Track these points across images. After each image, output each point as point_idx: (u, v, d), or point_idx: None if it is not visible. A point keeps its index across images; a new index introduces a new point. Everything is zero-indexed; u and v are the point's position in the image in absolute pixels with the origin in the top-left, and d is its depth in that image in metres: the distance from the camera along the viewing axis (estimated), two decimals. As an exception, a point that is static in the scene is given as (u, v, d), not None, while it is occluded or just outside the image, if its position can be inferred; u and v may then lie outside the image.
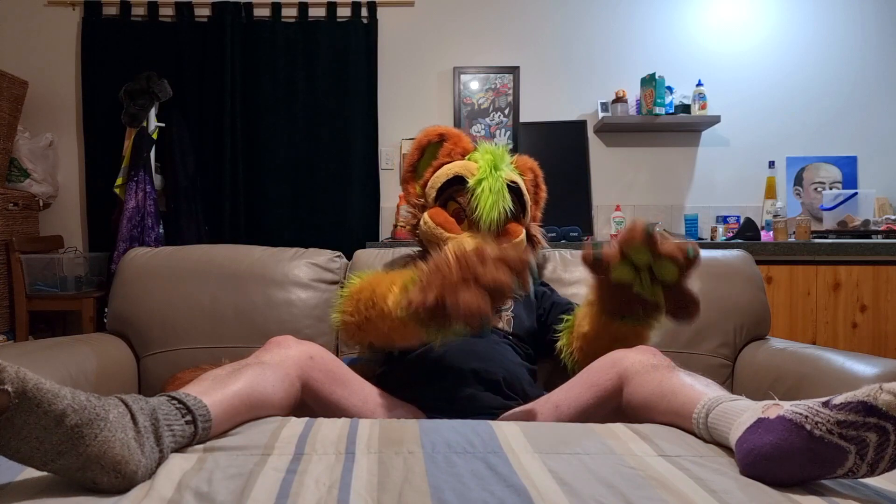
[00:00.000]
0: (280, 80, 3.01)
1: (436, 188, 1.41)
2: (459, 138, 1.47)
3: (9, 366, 0.67)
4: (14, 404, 0.66)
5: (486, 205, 1.33)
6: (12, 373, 0.66)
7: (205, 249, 1.69)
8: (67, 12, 3.06)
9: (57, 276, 2.73)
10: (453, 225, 1.38)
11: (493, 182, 1.35)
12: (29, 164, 2.90)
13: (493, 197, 1.34)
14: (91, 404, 0.71)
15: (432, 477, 0.76)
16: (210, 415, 0.86)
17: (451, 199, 1.40)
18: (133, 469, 0.71)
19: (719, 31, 3.12)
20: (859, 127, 3.10)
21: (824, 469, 0.73)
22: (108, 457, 0.69)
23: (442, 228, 1.37)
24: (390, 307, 1.07)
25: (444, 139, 1.46)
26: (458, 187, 1.38)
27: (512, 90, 3.08)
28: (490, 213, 1.33)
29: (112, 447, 0.70)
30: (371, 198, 3.06)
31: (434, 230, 1.38)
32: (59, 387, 0.70)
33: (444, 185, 1.40)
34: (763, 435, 0.76)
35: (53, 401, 0.68)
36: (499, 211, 1.34)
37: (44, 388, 0.68)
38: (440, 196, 1.41)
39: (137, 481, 0.72)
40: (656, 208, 3.12)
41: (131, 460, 0.71)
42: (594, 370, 1.16)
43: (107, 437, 0.70)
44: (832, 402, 0.73)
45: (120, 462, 0.70)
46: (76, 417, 0.69)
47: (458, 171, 1.39)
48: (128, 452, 0.71)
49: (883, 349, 2.36)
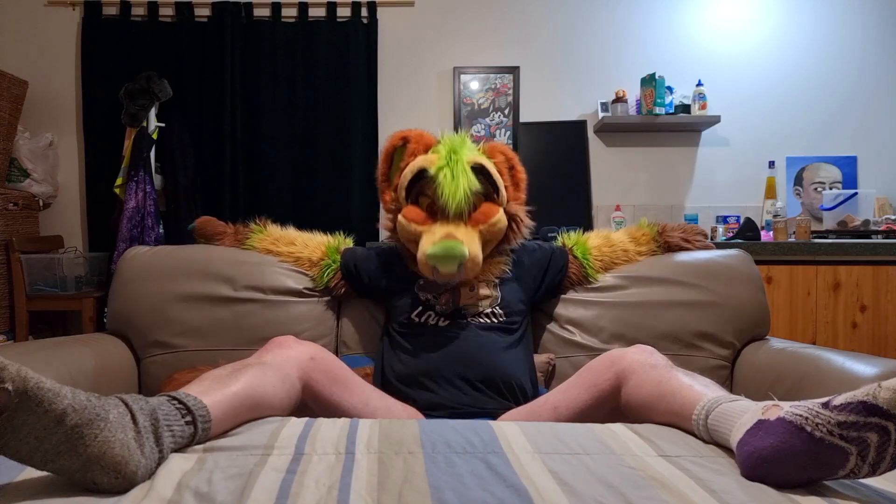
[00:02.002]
0: (280, 80, 3.01)
1: (404, 187, 1.42)
2: (420, 136, 1.48)
3: (10, 364, 0.67)
4: (14, 403, 0.66)
5: (450, 190, 1.34)
6: (13, 371, 0.66)
7: (205, 250, 1.69)
8: (67, 12, 3.06)
9: (57, 276, 2.73)
10: (424, 218, 1.39)
11: (454, 166, 1.35)
12: (29, 164, 2.90)
13: (456, 181, 1.34)
14: (91, 404, 0.71)
15: (432, 477, 0.76)
16: (210, 415, 0.86)
17: (421, 194, 1.41)
18: (133, 469, 0.71)
19: (719, 31, 3.12)
20: (859, 127, 3.10)
21: (825, 470, 0.73)
22: (108, 457, 0.69)
23: (415, 224, 1.38)
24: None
25: (407, 141, 1.48)
26: (424, 181, 1.39)
27: (512, 90, 3.08)
28: (456, 196, 1.34)
29: (112, 447, 0.70)
30: (371, 198, 3.05)
31: (408, 227, 1.39)
32: (59, 386, 0.70)
33: (410, 181, 1.41)
34: (763, 437, 0.76)
35: (54, 400, 0.68)
36: (465, 192, 1.34)
37: (44, 387, 0.68)
38: (410, 194, 1.42)
39: (137, 482, 0.71)
40: (656, 208, 3.11)
41: (131, 461, 0.71)
42: (592, 370, 1.16)
43: (107, 437, 0.70)
44: (832, 403, 0.73)
45: (120, 462, 0.70)
46: (76, 417, 0.69)
47: (420, 164, 1.41)
48: (128, 453, 0.71)
49: (883, 349, 2.36)
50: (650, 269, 1.63)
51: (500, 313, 1.40)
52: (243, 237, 1.71)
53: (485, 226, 1.38)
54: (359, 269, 1.57)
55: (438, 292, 1.42)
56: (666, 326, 1.55)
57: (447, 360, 1.31)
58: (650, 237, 1.67)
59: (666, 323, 1.56)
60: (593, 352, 1.53)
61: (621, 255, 1.64)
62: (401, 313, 1.42)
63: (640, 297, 1.59)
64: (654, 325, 1.56)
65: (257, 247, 1.68)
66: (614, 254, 1.63)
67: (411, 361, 1.33)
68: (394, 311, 1.45)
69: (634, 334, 1.55)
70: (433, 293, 1.42)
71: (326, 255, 1.62)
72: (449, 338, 1.34)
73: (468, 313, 1.39)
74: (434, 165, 1.37)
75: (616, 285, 1.62)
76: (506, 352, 1.35)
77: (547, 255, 1.58)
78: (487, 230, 1.38)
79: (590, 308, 1.60)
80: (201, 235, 1.74)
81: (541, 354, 1.55)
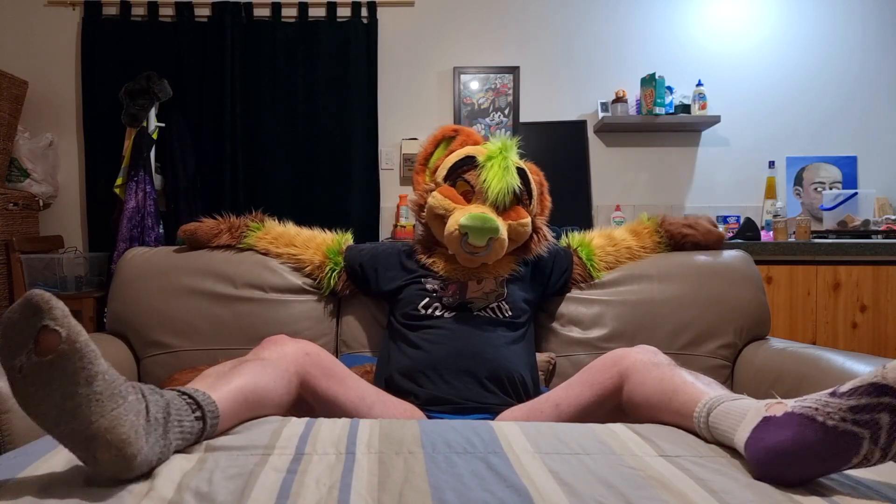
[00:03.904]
0: (280, 80, 3.01)
1: (447, 168, 1.47)
2: (471, 133, 1.55)
3: (70, 317, 0.70)
4: (62, 350, 0.68)
5: (494, 177, 1.39)
6: (72, 323, 0.69)
7: (204, 250, 1.69)
8: (67, 12, 3.06)
9: (57, 276, 2.73)
10: (459, 199, 1.43)
11: (502, 160, 1.41)
12: (29, 164, 2.90)
13: (502, 172, 1.39)
14: (119, 381, 0.73)
15: (433, 477, 0.76)
16: (218, 410, 0.87)
17: (460, 178, 1.44)
18: (133, 453, 0.71)
19: (719, 31, 3.12)
20: (859, 127, 3.10)
21: (839, 460, 0.73)
22: (115, 432, 0.70)
23: (449, 200, 1.42)
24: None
25: (458, 133, 1.55)
26: (468, 167, 1.44)
27: (512, 90, 3.08)
28: (499, 184, 1.38)
29: (122, 425, 0.71)
30: (371, 198, 3.06)
31: (442, 202, 1.42)
32: (100, 355, 0.72)
33: (455, 164, 1.45)
34: (776, 432, 0.76)
35: (94, 361, 0.70)
36: (507, 184, 1.39)
37: (91, 346, 0.70)
38: (450, 176, 1.46)
39: (134, 467, 0.72)
40: (656, 208, 3.11)
41: (135, 444, 0.71)
42: (595, 369, 1.16)
43: (120, 413, 0.71)
44: (839, 390, 0.73)
45: (125, 441, 0.70)
46: (104, 385, 0.71)
47: (470, 151, 1.47)
48: (134, 436, 0.71)
49: (883, 349, 2.36)
50: (651, 269, 1.63)
51: (506, 308, 1.41)
52: (240, 233, 1.68)
53: (515, 223, 1.42)
54: (364, 268, 1.57)
55: (446, 283, 1.43)
56: (666, 325, 1.56)
57: (452, 352, 1.31)
58: (651, 229, 1.68)
59: (666, 322, 1.56)
60: (593, 350, 1.53)
61: (625, 254, 1.65)
62: (407, 305, 1.43)
63: (641, 296, 1.59)
64: (655, 324, 1.56)
65: (255, 245, 1.67)
66: (618, 252, 1.65)
67: (416, 354, 1.34)
68: (399, 305, 1.46)
69: (635, 333, 1.55)
70: (441, 284, 1.43)
71: (328, 258, 1.61)
72: (454, 330, 1.35)
73: (474, 307, 1.40)
74: (484, 155, 1.43)
75: (617, 284, 1.62)
76: (509, 347, 1.35)
77: (552, 257, 1.58)
78: (515, 228, 1.42)
79: (590, 307, 1.60)
80: (193, 247, 1.68)
81: (541, 353, 1.55)
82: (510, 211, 1.42)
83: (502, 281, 1.45)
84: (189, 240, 1.68)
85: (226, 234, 1.68)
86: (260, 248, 1.67)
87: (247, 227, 1.69)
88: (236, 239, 1.68)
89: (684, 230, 1.67)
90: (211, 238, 1.67)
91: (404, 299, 1.45)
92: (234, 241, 1.68)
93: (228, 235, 1.68)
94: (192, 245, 1.69)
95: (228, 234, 1.68)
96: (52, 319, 0.68)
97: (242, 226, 1.69)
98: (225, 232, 1.68)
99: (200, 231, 1.67)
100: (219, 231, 1.68)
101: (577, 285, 1.63)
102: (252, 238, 1.67)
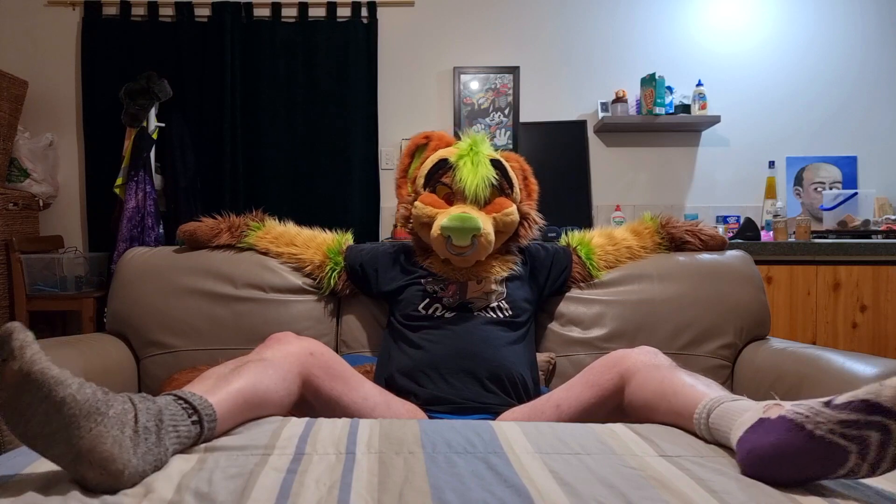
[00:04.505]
0: (280, 80, 3.01)
1: (423, 176, 1.47)
2: (442, 136, 1.55)
3: (27, 345, 0.70)
4: (19, 382, 0.69)
5: (468, 174, 1.39)
6: (27, 355, 0.69)
7: (204, 250, 1.69)
8: (67, 12, 3.06)
9: (57, 276, 2.73)
10: (441, 203, 1.43)
11: (474, 155, 1.42)
12: (29, 164, 2.90)
13: (475, 168, 1.40)
14: (95, 398, 0.72)
15: (433, 477, 0.76)
16: (216, 414, 0.86)
17: (438, 182, 1.45)
18: (119, 468, 0.70)
19: (719, 31, 3.12)
20: (859, 127, 3.10)
21: (825, 469, 0.73)
22: (97, 452, 0.70)
23: (431, 206, 1.42)
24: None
25: (430, 140, 1.54)
26: (443, 170, 1.44)
27: (512, 90, 3.08)
28: (474, 180, 1.39)
29: (103, 443, 0.70)
30: (371, 198, 3.06)
31: (424, 210, 1.42)
32: (67, 376, 0.71)
33: (430, 170, 1.46)
34: (763, 435, 0.76)
35: (56, 388, 0.70)
36: (482, 179, 1.39)
37: (49, 374, 0.70)
38: (428, 183, 1.46)
39: (123, 481, 0.71)
40: (656, 208, 3.10)
41: (119, 459, 0.71)
42: (595, 370, 1.16)
43: (101, 432, 0.70)
44: (834, 402, 0.73)
45: (107, 459, 0.70)
46: (76, 408, 0.70)
47: (442, 154, 1.47)
48: (118, 451, 0.71)
49: (883, 349, 2.36)
50: (651, 269, 1.63)
51: (507, 307, 1.41)
52: (240, 233, 1.67)
53: (499, 215, 1.41)
54: (365, 268, 1.57)
55: (446, 284, 1.43)
56: (666, 326, 1.56)
57: (452, 352, 1.31)
58: (653, 230, 1.68)
59: (666, 322, 1.56)
60: (594, 350, 1.53)
61: (625, 253, 1.65)
62: (407, 306, 1.43)
63: (641, 296, 1.59)
64: (655, 324, 1.56)
65: (256, 245, 1.67)
66: (618, 252, 1.64)
67: (416, 353, 1.34)
68: (400, 305, 1.46)
69: (635, 333, 1.55)
70: (441, 285, 1.43)
71: (328, 258, 1.61)
72: (454, 330, 1.35)
73: (475, 307, 1.40)
74: (455, 155, 1.43)
75: (617, 284, 1.62)
76: (510, 347, 1.35)
77: (550, 256, 1.58)
78: (501, 220, 1.42)
79: (590, 307, 1.60)
80: (193, 247, 1.68)
81: (541, 353, 1.55)
82: (493, 204, 1.42)
83: (502, 280, 1.45)
84: (189, 240, 1.67)
85: (226, 233, 1.67)
86: (260, 247, 1.67)
87: (247, 227, 1.68)
88: (236, 238, 1.67)
89: (686, 237, 1.66)
90: (211, 238, 1.67)
91: (404, 300, 1.45)
92: (234, 240, 1.67)
93: (228, 235, 1.67)
94: (191, 245, 1.68)
95: (228, 234, 1.67)
96: (9, 353, 0.69)
97: (242, 225, 1.69)
98: (225, 231, 1.67)
99: (200, 231, 1.66)
100: (219, 231, 1.67)
101: (577, 285, 1.63)
102: (252, 237, 1.67)
